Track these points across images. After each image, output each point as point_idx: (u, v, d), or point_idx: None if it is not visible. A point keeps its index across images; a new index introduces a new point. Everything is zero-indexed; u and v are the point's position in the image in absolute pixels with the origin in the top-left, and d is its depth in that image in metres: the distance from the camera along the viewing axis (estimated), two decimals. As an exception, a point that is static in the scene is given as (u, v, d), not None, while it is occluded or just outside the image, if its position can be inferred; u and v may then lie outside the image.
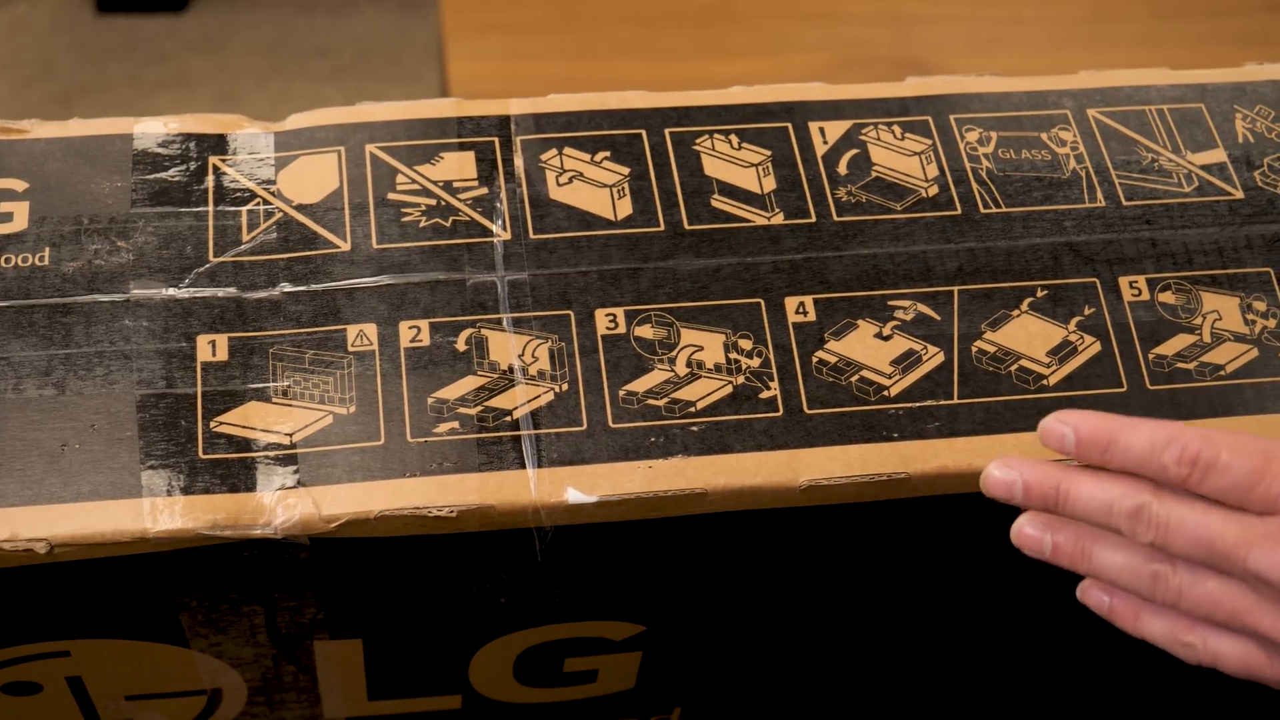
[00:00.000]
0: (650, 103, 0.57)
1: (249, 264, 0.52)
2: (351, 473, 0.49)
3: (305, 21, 1.91)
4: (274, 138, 0.55)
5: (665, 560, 0.54)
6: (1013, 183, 0.56)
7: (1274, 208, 0.57)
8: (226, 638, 0.54)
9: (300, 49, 1.88)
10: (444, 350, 0.51)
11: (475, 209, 0.54)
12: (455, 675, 0.59)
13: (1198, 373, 0.53)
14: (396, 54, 1.88)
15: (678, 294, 0.53)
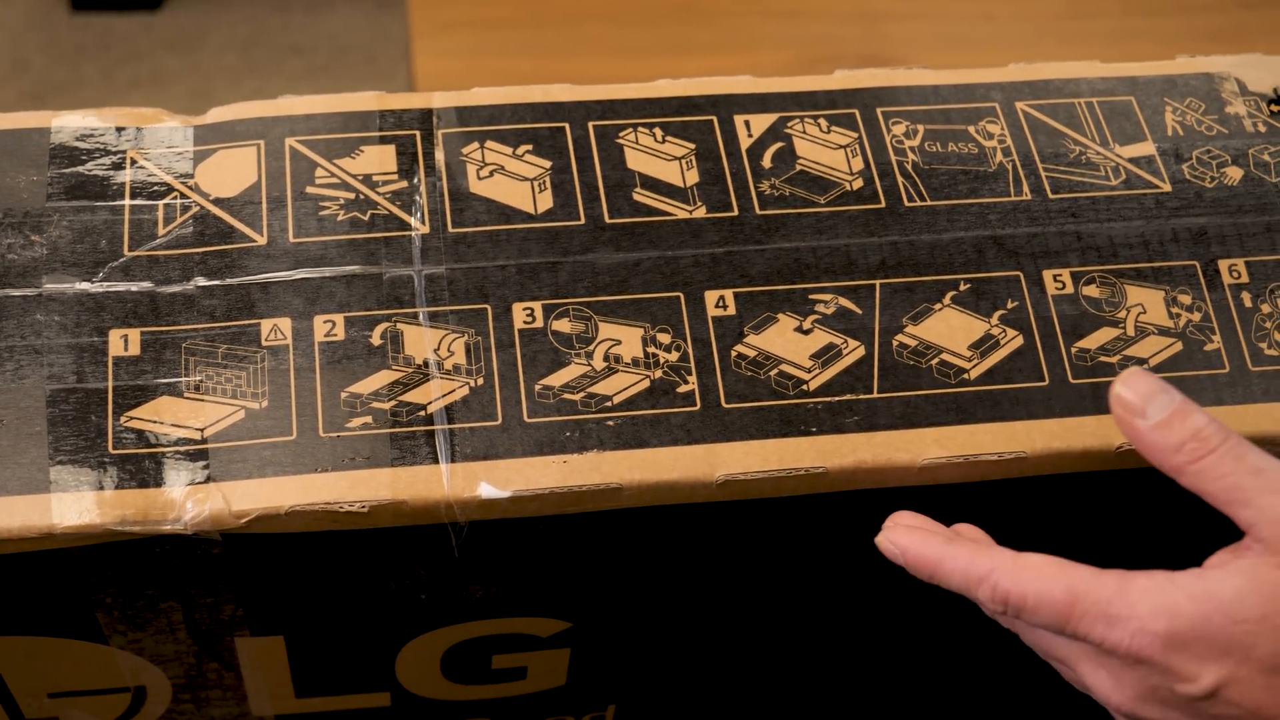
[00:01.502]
0: (575, 96, 0.57)
1: (164, 258, 0.52)
2: (263, 468, 0.48)
3: (280, 20, 1.91)
4: (193, 131, 0.55)
5: (586, 556, 0.53)
6: (938, 176, 0.56)
7: (1201, 201, 0.56)
8: (145, 634, 0.54)
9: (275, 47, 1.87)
10: (358, 345, 0.51)
11: (394, 203, 0.53)
12: (382, 672, 0.58)
13: (1121, 366, 0.53)
14: (371, 52, 1.88)
15: (596, 288, 0.52)
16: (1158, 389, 0.46)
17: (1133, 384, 0.47)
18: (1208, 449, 0.45)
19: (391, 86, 1.73)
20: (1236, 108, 0.59)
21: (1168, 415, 0.46)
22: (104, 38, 1.86)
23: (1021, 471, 0.51)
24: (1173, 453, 0.45)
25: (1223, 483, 0.44)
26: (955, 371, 0.52)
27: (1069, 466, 0.52)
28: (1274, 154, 0.58)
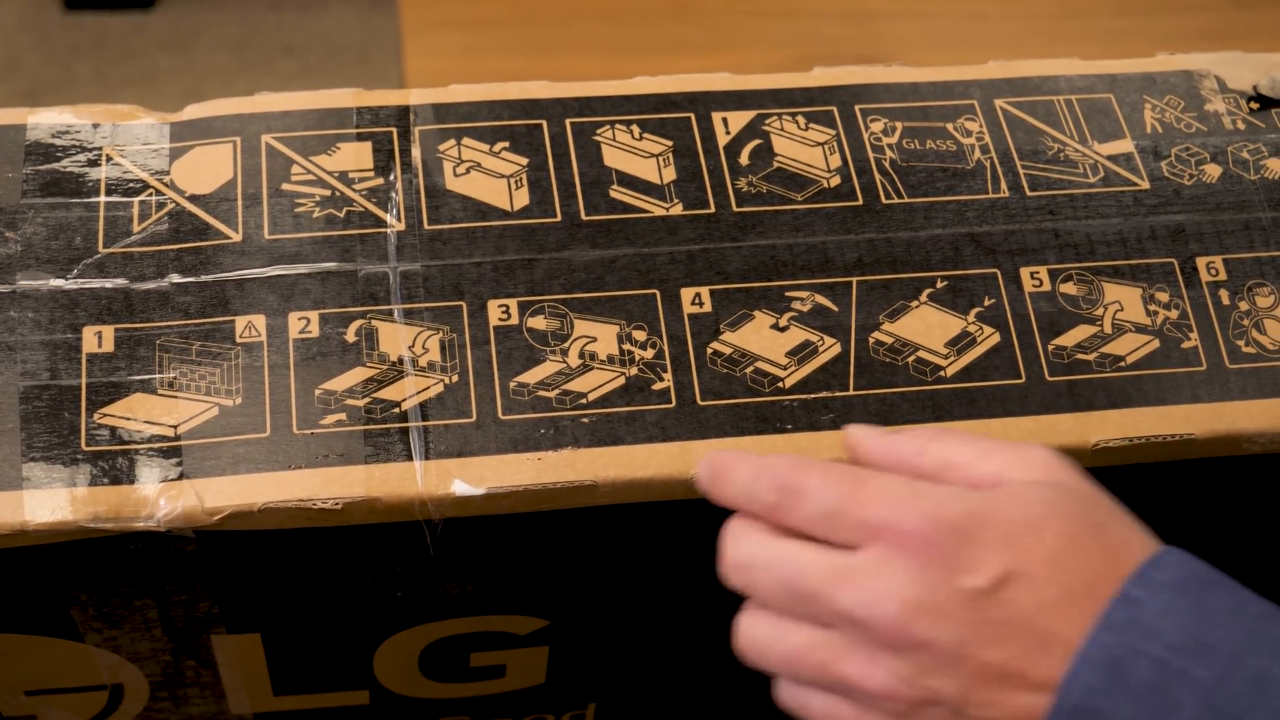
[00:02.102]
0: (552, 93, 0.57)
1: (139, 255, 0.52)
2: (236, 465, 0.48)
3: (273, 19, 1.91)
4: (169, 128, 0.54)
5: (562, 553, 0.53)
6: (916, 173, 0.56)
7: (1179, 198, 0.56)
8: (121, 632, 0.54)
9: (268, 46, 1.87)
10: (333, 341, 0.51)
11: (370, 200, 0.53)
12: (360, 670, 0.58)
13: (1098, 364, 0.53)
14: (365, 51, 1.88)
15: (572, 285, 0.52)
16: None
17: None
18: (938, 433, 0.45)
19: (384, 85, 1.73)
20: (1216, 105, 0.59)
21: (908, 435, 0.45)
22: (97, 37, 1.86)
23: (997, 469, 0.51)
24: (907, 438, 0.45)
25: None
26: (932, 369, 0.52)
27: (1045, 464, 0.51)
28: (1253, 151, 0.58)
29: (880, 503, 0.41)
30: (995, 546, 0.40)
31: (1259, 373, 0.53)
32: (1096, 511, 0.41)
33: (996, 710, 0.39)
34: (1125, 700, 0.37)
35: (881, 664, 0.40)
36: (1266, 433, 0.52)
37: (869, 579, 0.41)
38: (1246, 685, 0.37)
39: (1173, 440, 0.52)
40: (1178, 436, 0.52)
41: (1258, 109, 0.59)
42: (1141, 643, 0.38)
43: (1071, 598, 0.39)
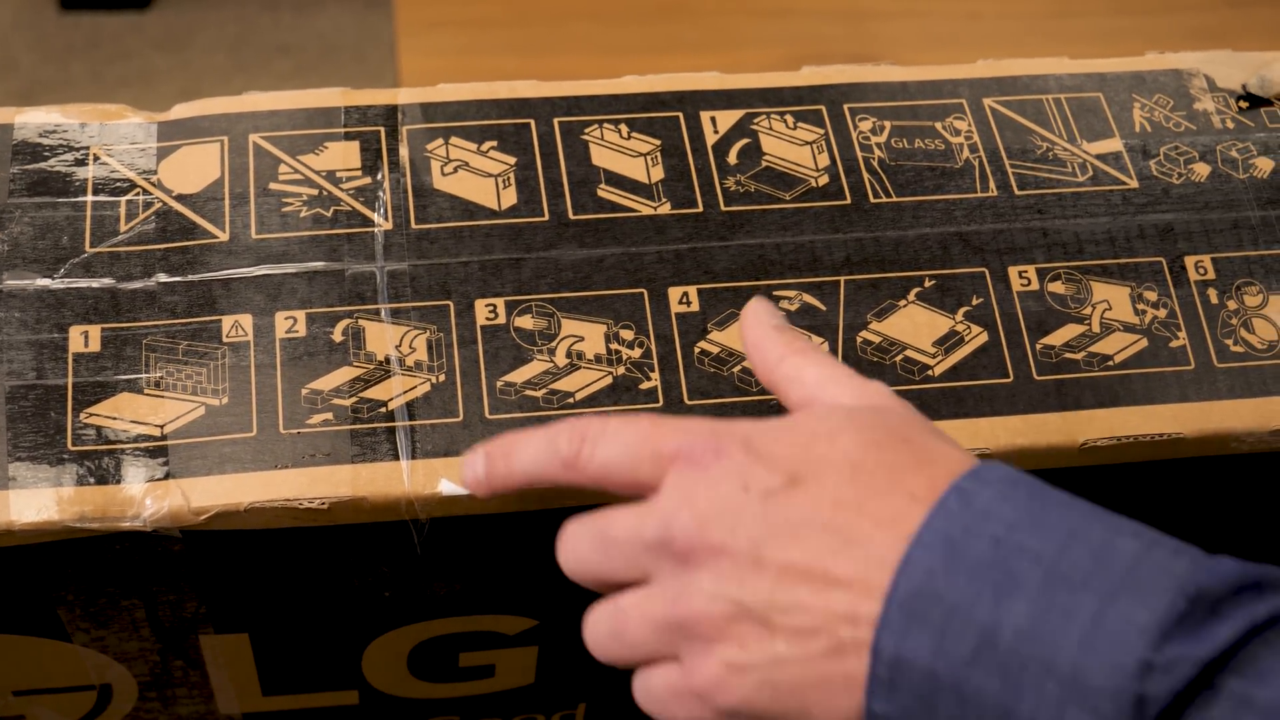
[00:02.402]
0: (541, 92, 0.57)
1: (125, 254, 0.52)
2: (222, 464, 0.48)
3: (269, 19, 1.91)
4: (156, 127, 0.54)
5: (550, 553, 0.53)
6: (904, 172, 0.56)
7: (1168, 197, 0.56)
8: (109, 632, 0.54)
9: (263, 46, 1.87)
10: (320, 341, 0.50)
11: (357, 199, 0.53)
12: (349, 670, 0.58)
13: (1085, 363, 0.53)
14: (360, 51, 1.88)
15: (560, 284, 0.52)
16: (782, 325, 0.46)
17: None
18: (801, 348, 0.45)
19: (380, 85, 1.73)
20: (1205, 104, 0.59)
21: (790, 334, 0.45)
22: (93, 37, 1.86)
23: (985, 468, 0.51)
24: (777, 343, 0.45)
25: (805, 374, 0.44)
26: (919, 368, 0.52)
27: (1032, 463, 0.51)
28: (1242, 150, 0.58)
29: (676, 432, 0.41)
30: (787, 453, 0.39)
31: (1247, 372, 0.53)
32: (906, 429, 0.40)
33: (804, 616, 0.38)
34: (964, 578, 0.36)
35: (688, 586, 0.39)
36: (1254, 432, 0.52)
37: (666, 502, 0.40)
38: (1089, 554, 0.35)
39: (1161, 439, 0.52)
40: (1166, 436, 0.52)
41: (1247, 108, 0.59)
42: (977, 524, 0.36)
43: (874, 495, 0.38)
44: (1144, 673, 0.33)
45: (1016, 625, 0.35)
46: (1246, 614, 0.34)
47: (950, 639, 0.35)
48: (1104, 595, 0.35)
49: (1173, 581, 0.35)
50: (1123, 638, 0.34)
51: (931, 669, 0.35)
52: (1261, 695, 0.33)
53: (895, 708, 0.36)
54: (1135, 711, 0.33)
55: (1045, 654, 0.34)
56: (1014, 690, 0.35)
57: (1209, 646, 0.34)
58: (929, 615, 0.36)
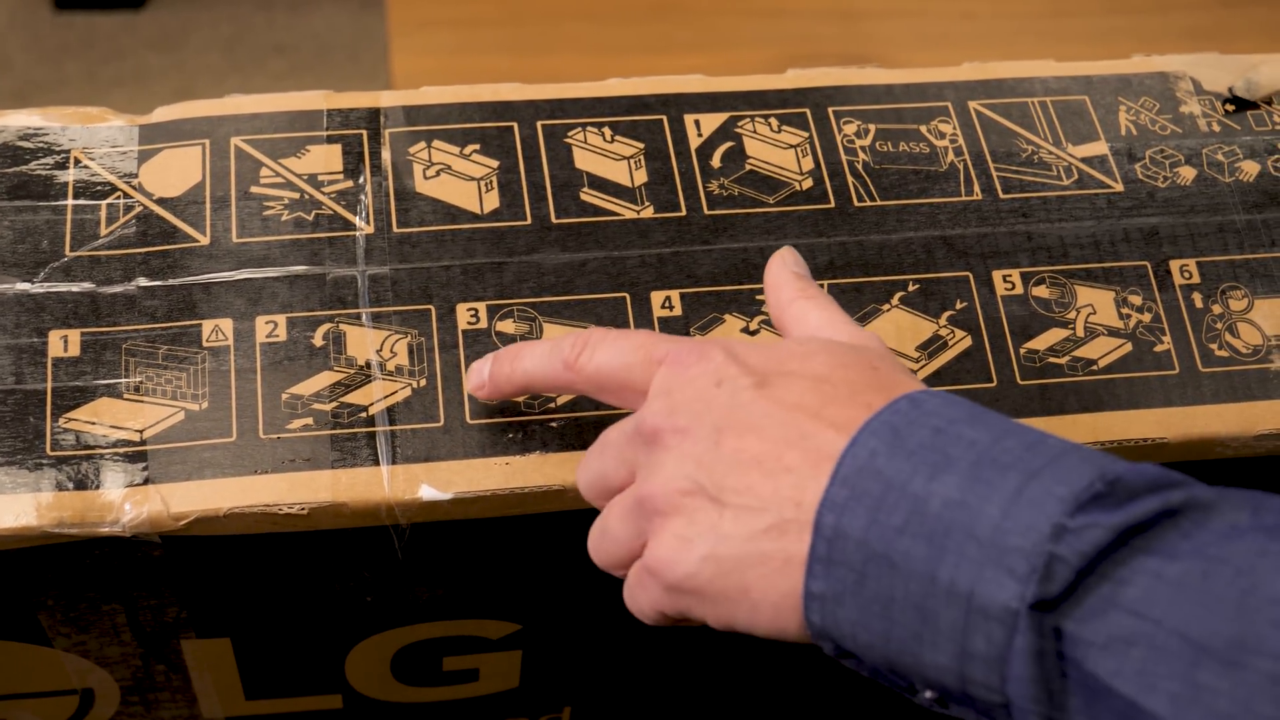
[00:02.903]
0: (524, 95, 0.56)
1: (106, 258, 0.51)
2: (202, 469, 0.48)
3: (264, 18, 1.90)
4: (138, 130, 0.54)
5: (532, 558, 0.53)
6: (889, 176, 0.56)
7: (1154, 200, 0.56)
8: (90, 636, 0.53)
9: (258, 46, 1.87)
10: (300, 345, 0.50)
11: (339, 202, 0.53)
12: (332, 674, 0.58)
13: (1069, 367, 0.52)
14: (355, 51, 1.87)
15: (542, 288, 0.52)
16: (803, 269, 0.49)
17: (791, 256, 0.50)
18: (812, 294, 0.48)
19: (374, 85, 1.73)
20: (1191, 107, 0.59)
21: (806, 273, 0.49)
22: (87, 36, 1.86)
23: (968, 473, 0.51)
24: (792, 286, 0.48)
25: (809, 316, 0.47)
26: (902, 372, 0.52)
27: (1016, 468, 0.51)
28: (1228, 154, 0.57)
29: (667, 341, 0.44)
30: (762, 362, 0.42)
31: (1231, 376, 0.53)
32: (878, 361, 0.43)
33: (753, 496, 0.39)
34: (903, 459, 0.38)
35: (653, 466, 0.42)
36: (1239, 436, 0.52)
37: (650, 398, 0.43)
38: (1021, 445, 0.37)
39: (1145, 444, 0.52)
40: (1150, 440, 0.52)
41: (1233, 111, 0.59)
42: (922, 419, 0.39)
43: (833, 402, 0.40)
44: (1057, 535, 0.35)
45: (946, 496, 0.37)
46: (1160, 499, 0.36)
47: (884, 511, 0.37)
48: (1029, 474, 0.36)
49: (1094, 468, 0.36)
50: (1041, 505, 0.36)
51: (865, 539, 0.37)
52: (1172, 569, 0.35)
53: (831, 584, 0.38)
54: (1046, 570, 0.35)
55: (968, 520, 0.36)
56: (938, 553, 0.36)
57: (1121, 518, 0.35)
58: (868, 490, 0.38)
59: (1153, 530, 0.35)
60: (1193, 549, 0.35)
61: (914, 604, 0.37)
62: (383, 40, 1.89)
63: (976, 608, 0.36)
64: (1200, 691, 0.33)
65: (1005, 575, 0.35)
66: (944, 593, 0.36)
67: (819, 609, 0.38)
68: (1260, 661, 0.33)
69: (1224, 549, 0.35)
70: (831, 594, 0.38)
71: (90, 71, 1.82)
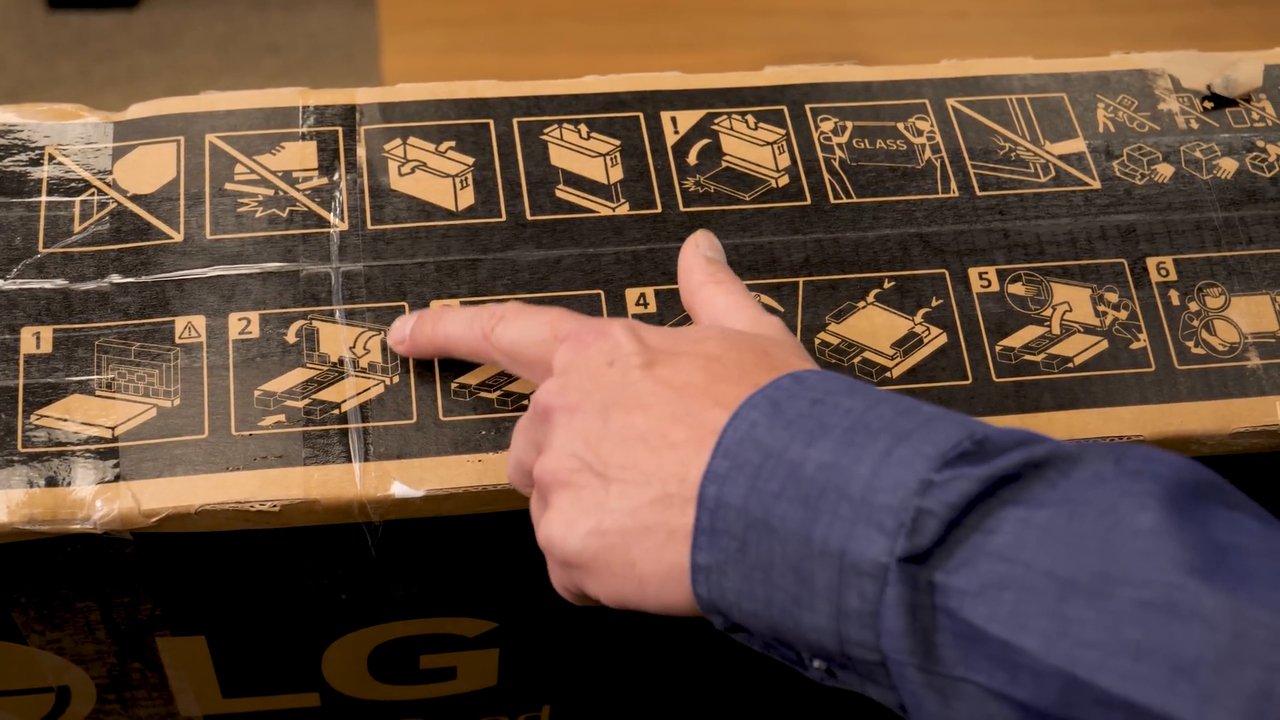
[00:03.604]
0: (500, 92, 0.56)
1: (79, 255, 0.51)
2: (173, 466, 0.48)
3: (258, 18, 1.90)
4: (113, 127, 0.54)
5: (507, 556, 0.53)
6: (865, 173, 0.55)
7: (1131, 198, 0.56)
8: (64, 634, 0.53)
9: (252, 45, 1.87)
10: (273, 342, 0.50)
11: (313, 199, 0.53)
12: (308, 672, 0.58)
13: (1045, 365, 0.52)
14: (349, 50, 1.87)
15: (516, 285, 0.52)
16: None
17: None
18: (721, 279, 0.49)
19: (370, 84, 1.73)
20: (1169, 104, 0.59)
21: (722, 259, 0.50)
22: (80, 35, 1.86)
23: (942, 471, 0.51)
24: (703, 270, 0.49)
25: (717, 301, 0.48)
26: (877, 370, 0.52)
27: (991, 466, 0.51)
28: (1206, 151, 0.57)
29: (573, 319, 0.45)
30: (656, 343, 0.43)
31: (1208, 374, 0.53)
32: (772, 346, 0.43)
33: (638, 471, 0.40)
34: (782, 429, 0.38)
35: (546, 444, 0.43)
36: (1215, 434, 0.52)
37: (551, 377, 0.44)
38: (894, 411, 0.38)
39: (1120, 441, 0.51)
40: (1125, 438, 0.51)
41: (1211, 108, 0.59)
42: (802, 391, 0.39)
43: (721, 381, 0.41)
44: (924, 489, 0.36)
45: (820, 460, 0.37)
46: (1025, 452, 0.37)
47: (763, 478, 0.38)
48: (899, 436, 0.37)
49: (962, 429, 0.37)
50: (909, 464, 0.36)
51: (745, 506, 0.38)
52: (1038, 515, 0.35)
53: (715, 555, 0.39)
54: (914, 524, 0.35)
55: (841, 481, 0.37)
56: (813, 514, 0.37)
57: (987, 470, 0.36)
58: (748, 459, 0.38)
59: (1019, 481, 0.36)
60: (1059, 496, 0.36)
61: (791, 566, 0.37)
62: (377, 39, 1.89)
63: (849, 565, 0.36)
64: (1069, 624, 0.34)
65: (875, 531, 0.36)
66: (818, 553, 0.37)
67: (704, 580, 0.39)
68: (1125, 590, 0.33)
69: (1088, 494, 0.36)
70: (716, 564, 0.39)
71: (84, 71, 1.82)
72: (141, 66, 1.83)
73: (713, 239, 0.51)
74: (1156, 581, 0.33)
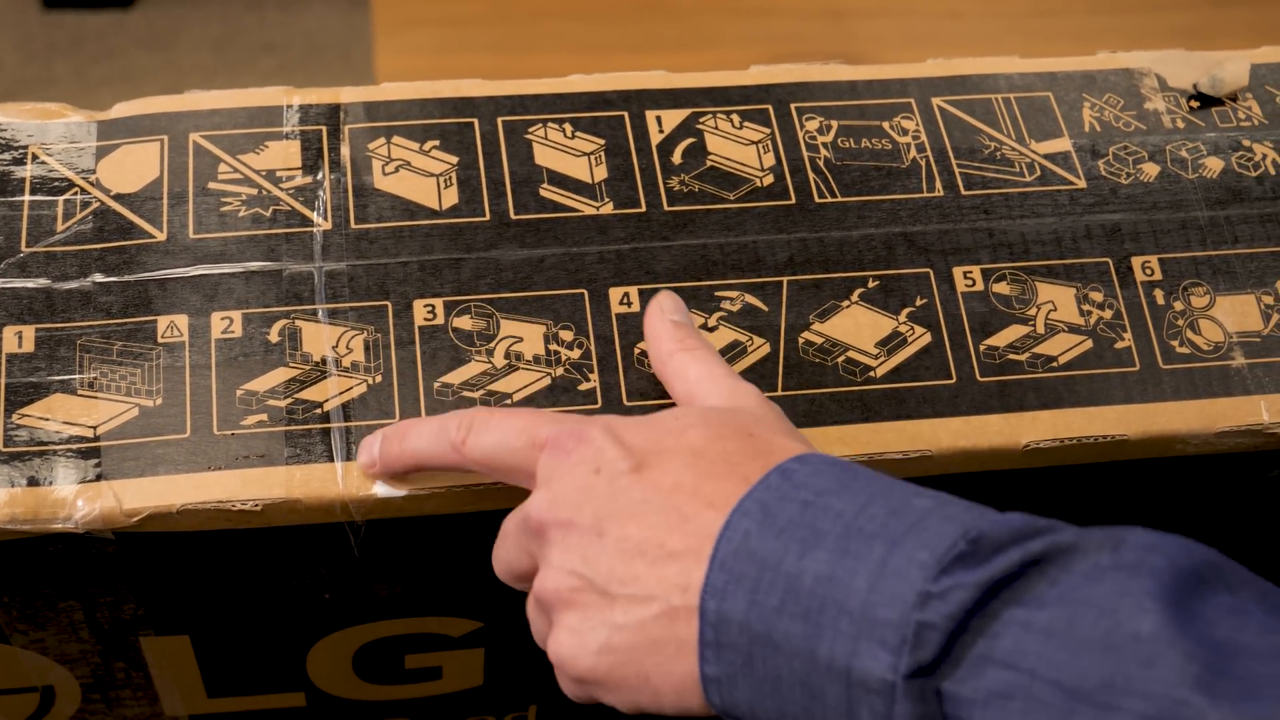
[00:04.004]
0: (485, 91, 0.56)
1: (62, 254, 0.51)
2: (155, 466, 0.48)
3: (254, 18, 1.90)
4: (96, 126, 0.54)
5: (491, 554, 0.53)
6: (850, 172, 0.55)
7: (1116, 197, 0.56)
8: (48, 634, 0.53)
9: (248, 45, 1.87)
10: (256, 342, 0.50)
11: (297, 198, 0.53)
12: (293, 672, 0.58)
13: (1029, 364, 0.52)
14: (345, 49, 1.87)
15: (499, 284, 0.52)
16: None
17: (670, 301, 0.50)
18: (691, 345, 0.48)
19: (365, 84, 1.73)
20: (1156, 104, 0.58)
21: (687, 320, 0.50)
22: (76, 35, 1.86)
23: (926, 470, 0.51)
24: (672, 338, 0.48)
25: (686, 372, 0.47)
26: (861, 369, 0.52)
27: (974, 465, 0.51)
28: (1191, 150, 0.57)
29: (549, 423, 0.44)
30: (639, 443, 0.42)
31: (1192, 373, 0.53)
32: (754, 426, 0.43)
33: (640, 585, 0.40)
34: (774, 537, 0.38)
35: (543, 562, 0.43)
36: (1199, 434, 0.52)
37: (536, 487, 0.44)
38: (885, 511, 0.38)
39: (1104, 441, 0.51)
40: (1110, 437, 0.51)
41: (1198, 107, 0.59)
42: (792, 492, 0.39)
43: (710, 479, 0.41)
44: (923, 602, 0.36)
45: (817, 572, 0.37)
46: (1021, 550, 0.36)
47: (762, 592, 0.38)
48: (893, 542, 0.37)
49: (956, 528, 0.37)
50: (905, 574, 0.36)
51: (747, 621, 0.38)
52: (1039, 618, 0.35)
53: (723, 667, 0.39)
54: (917, 639, 0.35)
55: (840, 595, 0.37)
56: (815, 630, 0.37)
57: (984, 574, 0.36)
58: (745, 573, 0.38)
59: (1020, 580, 0.36)
60: (1058, 595, 0.35)
61: (800, 681, 0.37)
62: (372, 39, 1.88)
63: (856, 682, 0.36)
64: None
65: (878, 648, 0.36)
66: (825, 669, 0.37)
67: (716, 690, 0.39)
68: (1130, 702, 0.33)
69: (1087, 591, 0.35)
70: (725, 676, 0.39)
71: (80, 70, 1.82)
72: (137, 66, 1.83)
73: (677, 300, 0.50)
74: (1159, 695, 0.33)
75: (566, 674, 0.43)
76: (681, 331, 0.48)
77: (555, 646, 0.42)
